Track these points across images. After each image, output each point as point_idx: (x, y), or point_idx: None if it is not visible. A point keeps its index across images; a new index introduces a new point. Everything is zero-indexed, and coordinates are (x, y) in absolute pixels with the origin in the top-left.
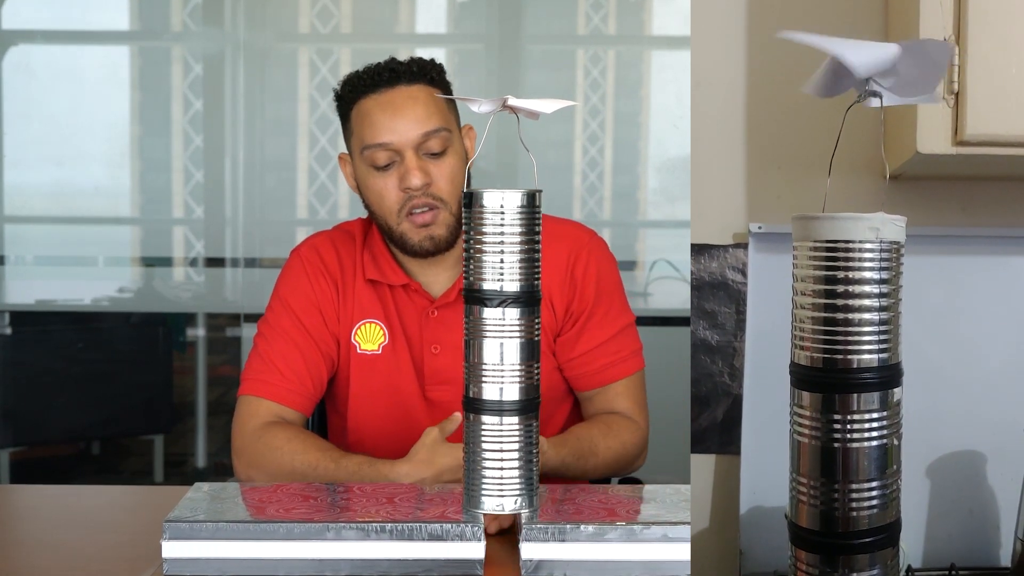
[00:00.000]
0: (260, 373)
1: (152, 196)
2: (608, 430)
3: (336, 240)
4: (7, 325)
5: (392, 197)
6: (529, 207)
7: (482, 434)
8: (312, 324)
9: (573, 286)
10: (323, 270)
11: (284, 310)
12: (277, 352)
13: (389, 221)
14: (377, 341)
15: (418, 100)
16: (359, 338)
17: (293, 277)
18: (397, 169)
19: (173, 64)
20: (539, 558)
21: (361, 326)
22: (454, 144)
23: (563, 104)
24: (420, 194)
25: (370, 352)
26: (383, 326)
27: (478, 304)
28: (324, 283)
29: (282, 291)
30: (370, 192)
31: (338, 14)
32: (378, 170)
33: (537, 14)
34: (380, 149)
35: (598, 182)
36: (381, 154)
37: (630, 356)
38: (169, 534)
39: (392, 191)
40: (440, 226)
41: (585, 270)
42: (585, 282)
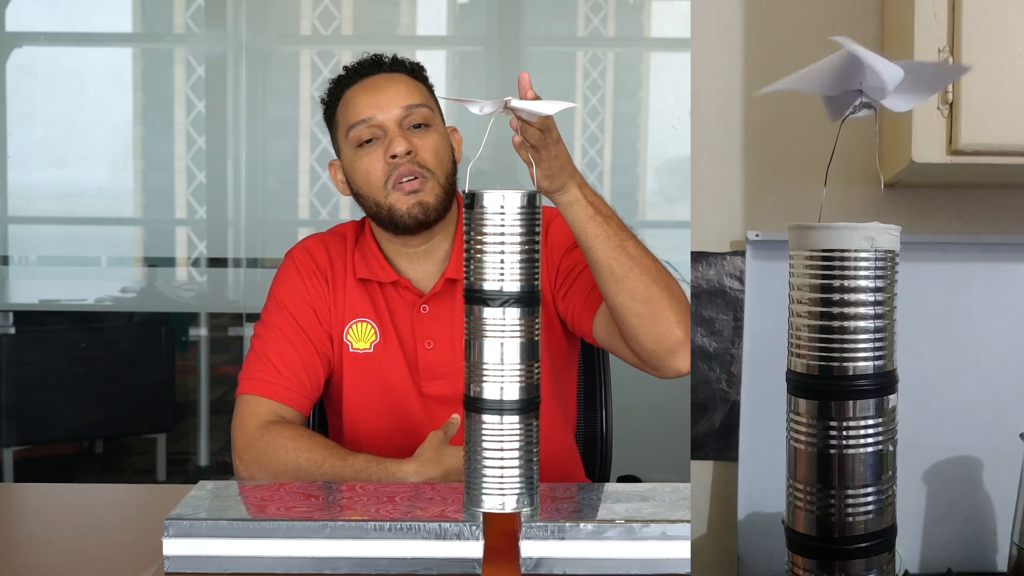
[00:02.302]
0: (258, 372)
1: (155, 197)
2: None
3: (327, 241)
4: (11, 325)
5: (378, 169)
6: (529, 208)
7: (482, 433)
8: (307, 322)
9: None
10: (315, 269)
11: (279, 310)
12: (274, 351)
13: (377, 196)
14: (369, 340)
15: (399, 81)
16: (351, 337)
17: (287, 277)
18: (381, 143)
19: (175, 66)
20: (539, 556)
21: (352, 325)
22: (436, 124)
23: (563, 106)
24: (406, 162)
25: (362, 351)
26: (374, 325)
27: (479, 304)
28: (317, 282)
29: (277, 291)
30: (357, 173)
31: (339, 16)
32: (362, 148)
33: (537, 16)
34: (363, 125)
35: (597, 183)
36: (365, 130)
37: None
38: (170, 532)
39: (378, 163)
40: (428, 193)
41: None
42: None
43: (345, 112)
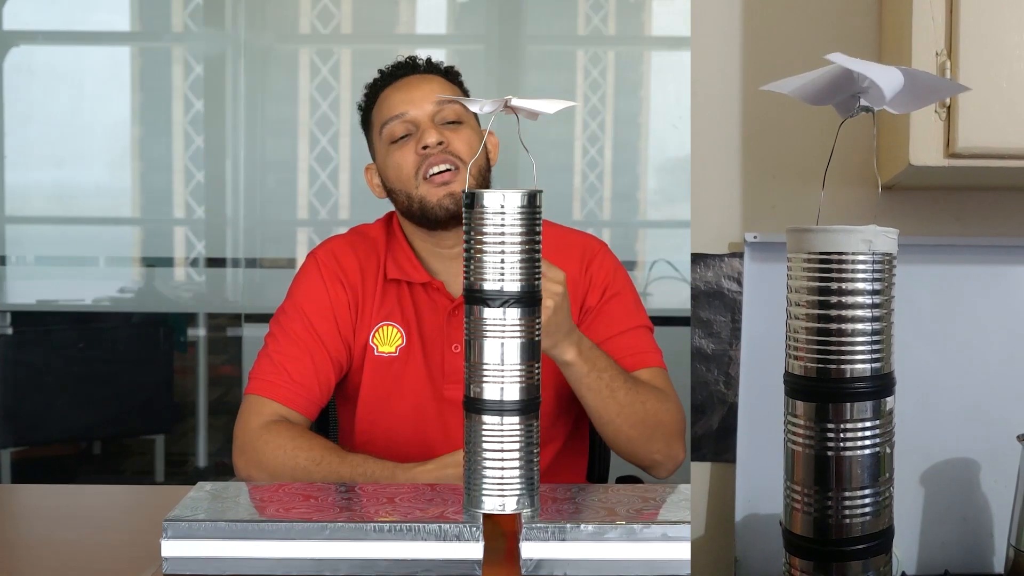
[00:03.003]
0: (269, 375)
1: (153, 196)
2: (646, 385)
3: (354, 244)
4: (8, 325)
5: (409, 162)
6: (529, 207)
7: (482, 434)
8: (324, 330)
9: (589, 280)
10: (340, 276)
11: (297, 314)
12: (287, 356)
13: (408, 189)
14: (395, 343)
15: (433, 81)
16: (377, 340)
17: (309, 281)
18: (414, 138)
19: (174, 65)
20: (539, 557)
21: (380, 328)
22: (470, 121)
23: (564, 105)
24: (437, 151)
25: (387, 354)
26: (401, 329)
27: (479, 304)
28: (340, 289)
29: (297, 294)
30: (389, 169)
31: (338, 15)
32: (395, 144)
33: (537, 15)
34: (397, 121)
35: (598, 182)
36: (398, 126)
37: (651, 351)
38: (169, 533)
39: (409, 156)
40: (460, 184)
41: (600, 266)
42: (599, 276)
43: (379, 111)
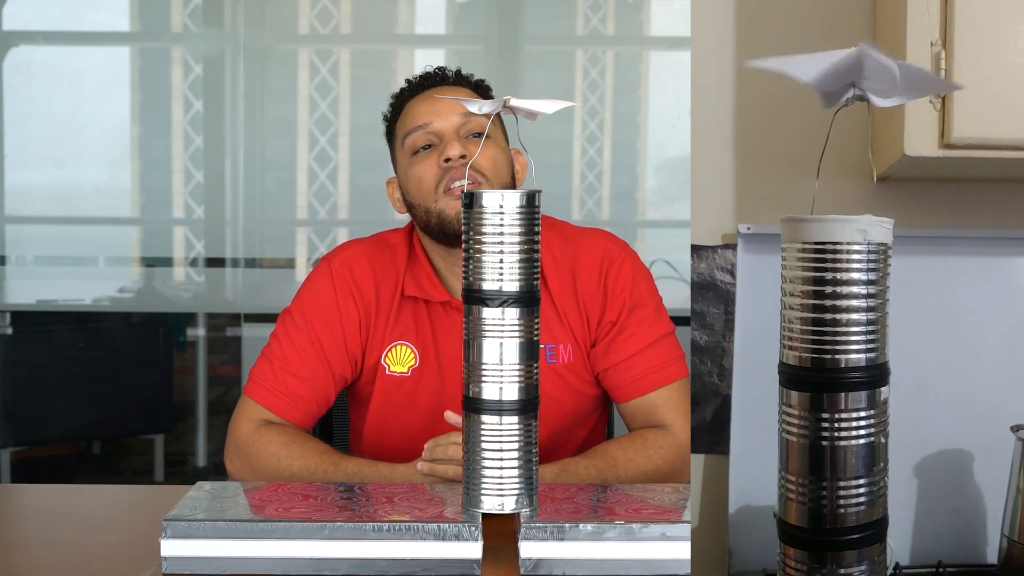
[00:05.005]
0: (268, 382)
1: (152, 196)
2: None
3: (372, 254)
4: (8, 325)
5: (431, 174)
6: (528, 207)
7: (482, 434)
8: (330, 344)
9: (605, 295)
10: (353, 291)
11: (305, 323)
12: (288, 366)
13: (427, 203)
14: (407, 364)
15: (460, 93)
16: (389, 360)
17: (320, 291)
18: (437, 149)
19: (173, 65)
20: (538, 557)
21: (393, 348)
22: (497, 137)
23: (563, 105)
24: (459, 165)
25: (399, 375)
26: (414, 349)
27: (478, 304)
28: (352, 306)
29: (306, 301)
30: (410, 182)
31: (338, 15)
32: (417, 155)
33: (536, 15)
34: (420, 131)
35: (597, 182)
36: (421, 136)
37: (670, 363)
38: (168, 532)
39: (431, 168)
40: None
41: (617, 278)
42: (617, 290)
43: (403, 122)
